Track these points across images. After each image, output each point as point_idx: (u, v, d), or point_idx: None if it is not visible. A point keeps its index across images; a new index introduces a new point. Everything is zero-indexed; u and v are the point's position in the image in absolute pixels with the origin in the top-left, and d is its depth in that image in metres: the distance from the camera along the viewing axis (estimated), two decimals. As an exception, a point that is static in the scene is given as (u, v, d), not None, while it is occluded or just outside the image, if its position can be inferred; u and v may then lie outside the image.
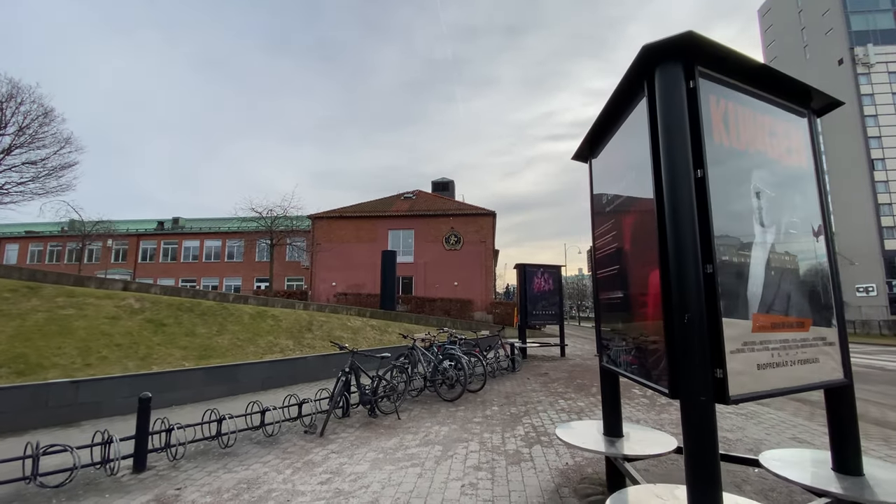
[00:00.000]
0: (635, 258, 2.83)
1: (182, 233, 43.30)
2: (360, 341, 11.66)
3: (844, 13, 51.79)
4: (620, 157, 3.09)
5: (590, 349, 16.65)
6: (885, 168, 49.21)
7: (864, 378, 10.29)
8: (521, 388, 8.15)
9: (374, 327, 13.13)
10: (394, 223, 31.91)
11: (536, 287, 12.84)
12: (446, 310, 27.82)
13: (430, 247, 31.15)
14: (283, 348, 10.00)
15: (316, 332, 11.32)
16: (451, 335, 9.19)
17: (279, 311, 12.29)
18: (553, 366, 11.30)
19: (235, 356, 8.98)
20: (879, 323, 39.01)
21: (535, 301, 12.76)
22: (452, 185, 39.94)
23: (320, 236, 32.15)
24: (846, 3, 51.93)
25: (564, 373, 10.12)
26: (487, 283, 30.86)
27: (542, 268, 13.12)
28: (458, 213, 31.50)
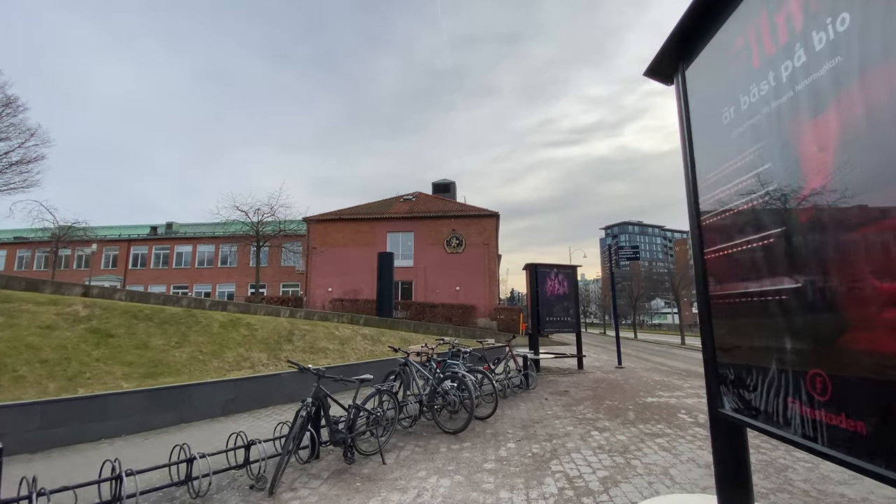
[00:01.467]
0: (841, 211, 1.33)
1: (175, 238, 42.02)
2: (348, 353, 10.12)
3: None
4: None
5: (608, 360, 15.07)
6: None
7: None
8: (540, 414, 6.59)
9: (367, 336, 11.60)
10: (393, 225, 30.47)
11: (549, 290, 11.31)
12: (448, 316, 26.27)
13: (431, 250, 29.67)
14: (255, 363, 8.47)
15: (297, 343, 9.79)
16: (452, 346, 7.67)
17: (257, 318, 10.77)
18: (573, 381, 9.73)
19: (193, 374, 7.45)
20: None
21: (548, 306, 11.23)
22: (453, 186, 38.54)
23: (315, 240, 30.74)
24: None
25: (588, 391, 8.56)
26: (491, 288, 29.33)
27: (556, 268, 11.60)
28: (460, 215, 30.05)
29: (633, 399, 7.64)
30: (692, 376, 10.93)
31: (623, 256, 12.45)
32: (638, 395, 8.10)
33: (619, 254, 12.37)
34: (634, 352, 20.21)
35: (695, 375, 11.10)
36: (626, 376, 10.63)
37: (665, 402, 7.29)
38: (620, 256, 12.40)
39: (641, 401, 7.49)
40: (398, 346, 11.70)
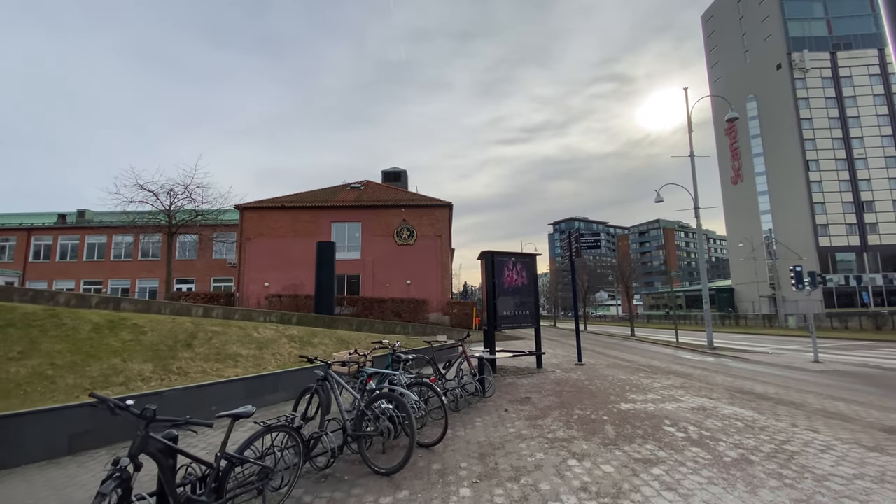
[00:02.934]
0: None
1: (87, 227, 37.01)
2: (266, 360, 8.28)
3: (783, 20, 54.01)
4: None
5: (565, 355, 14.18)
6: (818, 169, 51.63)
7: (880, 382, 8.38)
8: (500, 433, 5.24)
9: (295, 338, 9.77)
10: (338, 215, 28.24)
11: (507, 281, 10.06)
12: (398, 312, 24.63)
13: (380, 241, 27.80)
14: (132, 377, 6.49)
15: (199, 350, 7.83)
16: (393, 350, 6.16)
17: (149, 319, 8.64)
18: (534, 384, 8.53)
19: (31, 396, 5.41)
20: (805, 316, 40.10)
21: (505, 298, 9.98)
22: (405, 175, 36.74)
23: (250, 229, 27.88)
24: (784, 10, 54.19)
25: (552, 396, 7.36)
26: (444, 282, 28.01)
27: (514, 257, 10.38)
28: (412, 205, 28.39)
29: (605, 406, 6.52)
30: (657, 373, 10.13)
31: (584, 245, 11.50)
32: (609, 399, 7.00)
33: (580, 241, 11.40)
34: (589, 345, 19.66)
35: (660, 372, 10.31)
36: (590, 375, 9.63)
37: (643, 410, 6.20)
38: (581, 245, 11.44)
39: (615, 408, 6.38)
40: (334, 348, 10.00)
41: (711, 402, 6.75)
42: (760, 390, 7.82)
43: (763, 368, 11.38)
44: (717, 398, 7.04)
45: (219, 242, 35.21)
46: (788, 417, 5.73)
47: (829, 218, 50.65)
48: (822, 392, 7.66)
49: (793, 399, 7.01)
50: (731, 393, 7.52)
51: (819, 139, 51.95)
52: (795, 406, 6.47)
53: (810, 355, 14.48)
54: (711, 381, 8.99)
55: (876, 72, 52.11)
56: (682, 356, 14.86)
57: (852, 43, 52.99)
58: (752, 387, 8.21)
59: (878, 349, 16.54)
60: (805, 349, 17.25)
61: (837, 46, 53.03)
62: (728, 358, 14.17)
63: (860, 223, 50.11)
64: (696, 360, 13.69)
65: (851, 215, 50.43)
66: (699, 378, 9.37)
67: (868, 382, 8.90)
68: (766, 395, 7.31)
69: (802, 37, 53.47)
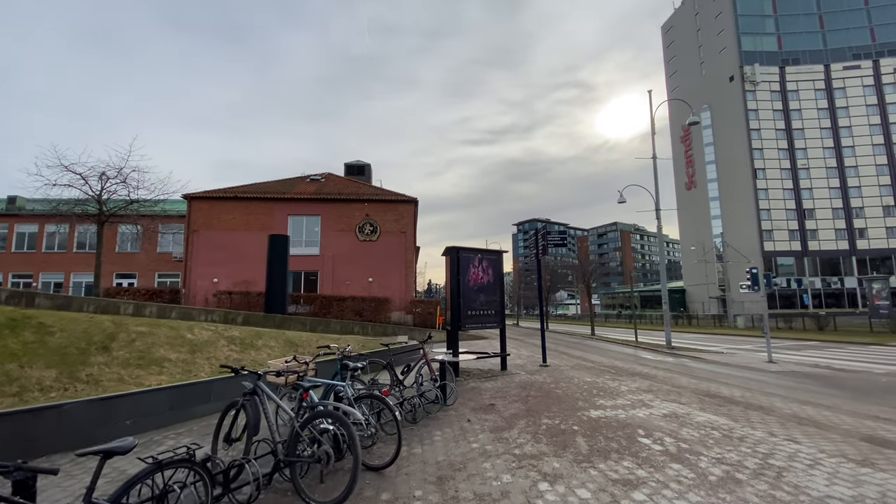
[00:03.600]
0: None
1: (16, 215, 33.54)
2: (199, 365, 7.29)
3: (736, 34, 56.75)
4: None
5: (529, 356, 13.82)
6: (765, 177, 54.66)
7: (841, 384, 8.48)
8: (462, 450, 4.63)
9: (236, 340, 8.78)
10: (295, 207, 26.85)
11: (473, 278, 9.50)
12: (358, 310, 23.65)
13: (341, 237, 26.67)
14: (30, 386, 5.42)
15: (118, 353, 6.77)
16: (341, 355, 5.43)
17: (60, 316, 7.44)
18: (498, 389, 8.01)
19: None
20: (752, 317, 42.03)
21: (470, 297, 9.42)
22: (369, 169, 35.61)
23: (198, 221, 26.04)
24: (738, 25, 56.94)
25: (518, 402, 6.85)
26: (408, 279, 27.24)
27: (480, 253, 9.83)
28: (375, 199, 27.41)
29: (574, 414, 6.06)
30: (623, 375, 9.89)
31: (551, 242, 11.14)
32: (577, 405, 6.57)
33: (546, 239, 11.03)
34: (552, 345, 19.51)
35: (625, 374, 10.08)
36: (556, 378, 9.24)
37: (614, 418, 5.79)
38: (549, 242, 11.07)
39: (585, 416, 5.93)
40: (280, 351, 9.09)
41: (682, 407, 6.45)
42: (727, 393, 7.65)
43: (722, 369, 11.43)
44: (687, 403, 6.76)
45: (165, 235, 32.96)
46: (763, 425, 5.46)
47: (774, 224, 53.75)
48: (787, 395, 7.57)
49: (761, 403, 6.83)
50: (700, 397, 7.28)
51: (766, 149, 54.99)
52: (766, 411, 6.26)
53: (763, 355, 14.86)
54: (677, 383, 8.80)
55: (821, 87, 55.70)
56: (642, 356, 14.88)
57: (800, 58, 56.40)
58: (717, 389, 8.05)
59: (824, 349, 17.27)
60: (756, 349, 17.80)
61: (786, 61, 56.30)
62: (687, 358, 14.29)
63: (801, 229, 53.46)
64: (657, 360, 13.69)
65: (794, 222, 53.71)
66: (664, 380, 9.18)
67: (826, 384, 8.99)
68: (733, 399, 7.11)
69: (754, 51, 56.39)
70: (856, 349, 17.18)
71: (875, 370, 11.40)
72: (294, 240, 27.02)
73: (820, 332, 26.74)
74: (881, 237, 52.55)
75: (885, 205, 53.02)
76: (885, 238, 52.49)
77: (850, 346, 18.64)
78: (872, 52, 55.68)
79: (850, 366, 12.20)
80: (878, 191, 53.44)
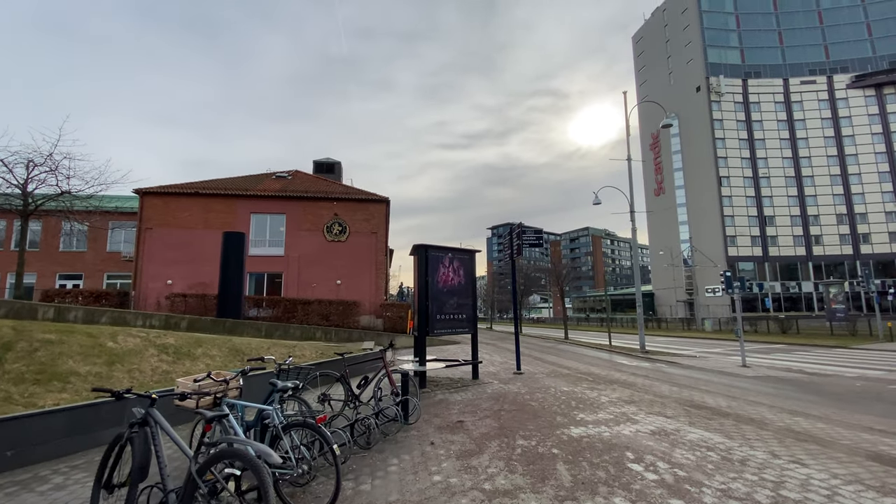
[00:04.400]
0: None
1: (-57, 210, 30.44)
2: (116, 380, 6.16)
3: (703, 46, 58.56)
4: None
5: (502, 362, 13.13)
6: (729, 185, 56.44)
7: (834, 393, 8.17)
8: (422, 484, 3.81)
9: (169, 349, 7.65)
10: (259, 205, 25.40)
11: (442, 280, 8.72)
12: (325, 314, 22.45)
13: (307, 237, 25.38)
14: None
15: (11, 367, 5.59)
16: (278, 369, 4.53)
17: (-58, 322, 6.17)
18: (468, 402, 7.22)
19: None
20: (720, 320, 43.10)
21: (439, 300, 8.62)
22: (339, 167, 34.38)
23: (152, 218, 24.24)
24: (704, 37, 58.78)
25: (490, 419, 6.09)
26: (378, 282, 26.17)
27: (451, 252, 9.06)
28: (344, 198, 26.26)
29: (553, 432, 5.34)
30: (601, 383, 9.30)
31: (526, 242, 10.50)
32: (556, 421, 5.87)
33: (522, 238, 10.38)
34: (526, 349, 18.94)
35: (603, 382, 9.50)
36: (531, 387, 8.55)
37: (598, 437, 5.10)
38: (524, 241, 10.42)
39: (565, 434, 5.22)
40: (223, 361, 8.03)
41: (670, 422, 5.85)
42: (712, 403, 7.14)
43: (700, 374, 11.05)
44: (674, 416, 6.17)
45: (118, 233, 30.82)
46: (761, 443, 4.89)
47: (737, 230, 55.52)
48: (772, 404, 7.13)
49: (750, 414, 6.32)
50: (686, 408, 6.73)
51: (730, 157, 56.84)
52: (758, 425, 5.73)
53: (735, 359, 14.72)
54: (658, 391, 8.26)
55: (780, 99, 58.08)
56: (618, 361, 14.46)
57: (761, 72, 58.67)
58: (701, 398, 7.54)
59: (791, 352, 17.38)
60: (727, 352, 17.76)
61: (749, 74, 58.46)
62: (663, 363, 13.95)
63: (763, 236, 55.42)
64: (634, 365, 13.27)
65: (756, 228, 55.62)
66: (645, 388, 8.63)
67: (805, 390, 8.67)
68: (721, 410, 6.59)
69: (720, 63, 58.33)
70: (822, 352, 17.37)
71: (846, 374, 11.30)
72: (257, 239, 25.62)
73: (783, 334, 27.38)
74: (835, 244, 55.09)
75: (838, 213, 55.66)
76: (839, 245, 55.05)
77: (815, 348, 18.90)
78: (827, 68, 58.55)
79: (821, 369, 12.09)
80: (832, 199, 56.06)
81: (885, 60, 56.35)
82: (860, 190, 55.64)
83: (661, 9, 67.30)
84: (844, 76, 57.67)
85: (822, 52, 59.21)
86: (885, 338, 21.15)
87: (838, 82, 57.72)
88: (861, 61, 57.79)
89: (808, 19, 59.81)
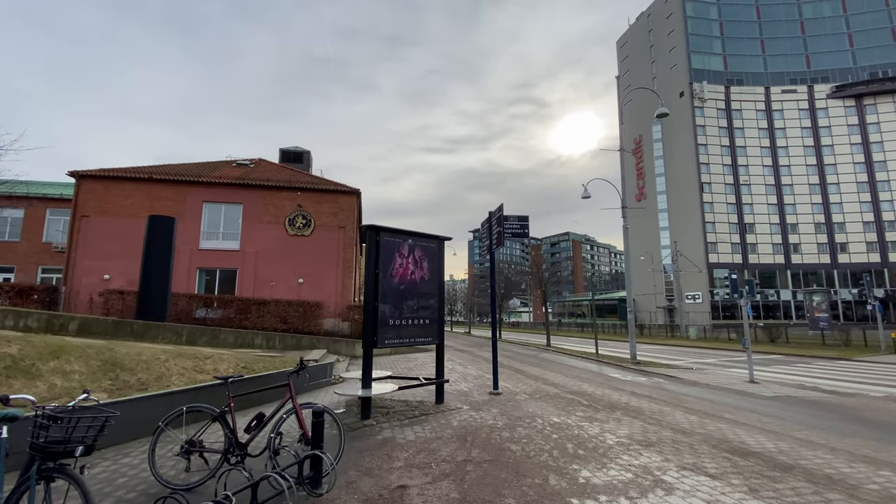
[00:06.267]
0: None
1: None
2: None
3: (687, 51, 58.28)
4: None
5: (477, 377, 11.11)
6: (710, 191, 56.11)
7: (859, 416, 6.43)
8: None
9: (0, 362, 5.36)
10: (213, 193, 22.79)
11: (399, 273, 6.64)
12: (282, 316, 20.02)
13: (267, 230, 22.91)
14: None
15: None
16: (35, 413, 2.39)
17: None
18: (422, 444, 5.14)
19: None
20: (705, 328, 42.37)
21: (394, 300, 6.54)
22: (308, 156, 31.91)
23: (89, 205, 21.44)
24: (688, 43, 58.52)
25: (449, 479, 4.03)
26: (345, 281, 23.86)
27: (413, 239, 6.98)
28: (310, 188, 23.88)
29: (546, 510, 3.33)
30: (599, 408, 7.36)
31: (508, 230, 8.54)
32: (549, 488, 3.87)
33: (503, 225, 8.42)
34: (505, 358, 17.00)
35: (602, 406, 7.56)
36: (511, 417, 6.54)
37: None
38: (506, 229, 8.47)
39: (566, 517, 3.21)
40: (80, 382, 5.74)
41: (718, 486, 3.92)
42: (754, 445, 5.27)
43: (711, 394, 9.28)
44: (720, 474, 4.24)
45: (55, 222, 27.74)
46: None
47: (718, 237, 55.15)
48: (826, 442, 5.32)
49: (818, 466, 4.46)
50: (727, 456, 4.82)
51: (712, 164, 56.55)
52: (844, 489, 3.86)
53: (738, 372, 13.14)
54: (676, 424, 6.37)
55: (762, 107, 58.20)
56: (611, 374, 12.62)
57: (743, 80, 58.72)
58: (736, 436, 5.68)
59: (793, 364, 15.93)
60: (723, 363, 16.24)
61: (731, 81, 58.42)
62: (661, 377, 12.19)
63: (742, 243, 55.18)
64: (629, 380, 11.44)
65: (736, 235, 55.35)
66: (657, 418, 6.74)
67: (845, 416, 6.99)
68: (776, 460, 4.70)
69: (703, 69, 58.11)
70: (825, 365, 15.98)
71: (869, 392, 9.75)
72: (210, 232, 22.99)
73: (772, 343, 26.26)
74: (813, 252, 55.25)
75: (816, 222, 55.91)
76: (816, 254, 55.24)
77: (814, 360, 17.55)
78: (808, 77, 59.01)
79: (838, 387, 10.52)
80: (810, 208, 56.31)
81: (866, 71, 57.08)
82: (838, 199, 56.04)
83: (647, 13, 67.04)
84: (825, 86, 58.18)
85: (804, 61, 59.68)
86: (889, 349, 20.00)
87: (819, 92, 58.20)
88: (842, 71, 58.43)
89: (791, 29, 60.27)
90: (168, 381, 6.25)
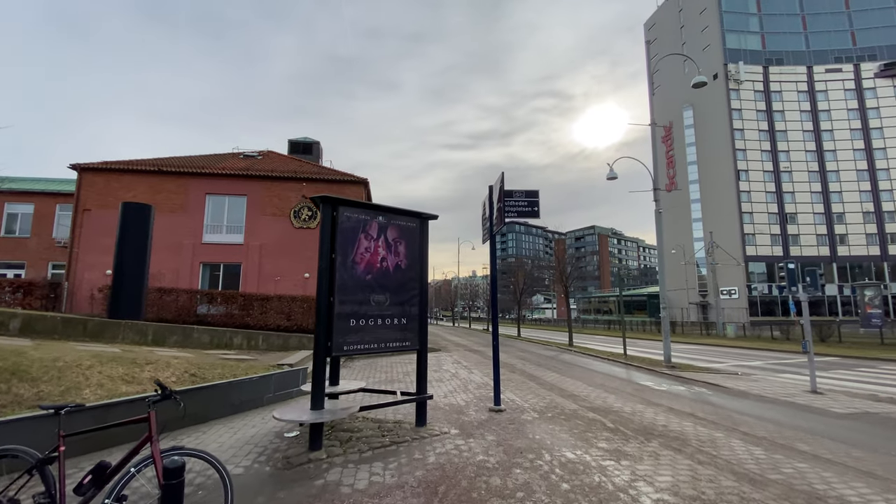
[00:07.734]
0: None
1: None
2: None
3: (721, 31, 54.54)
4: None
5: (479, 386, 9.55)
6: (748, 179, 52.44)
7: None
8: None
9: None
10: (217, 185, 21.94)
11: (365, 260, 5.18)
12: (286, 312, 18.94)
13: (272, 223, 21.92)
14: None
15: None
16: None
17: None
18: (372, 496, 3.66)
19: None
20: (744, 325, 39.46)
21: (360, 294, 5.09)
22: (318, 147, 30.88)
23: (91, 199, 20.92)
24: (723, 22, 54.75)
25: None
26: (352, 277, 22.68)
27: (384, 214, 5.49)
28: (317, 178, 22.73)
29: None
30: (630, 437, 5.70)
31: (512, 208, 6.92)
32: None
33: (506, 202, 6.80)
34: (519, 361, 15.36)
35: (632, 433, 5.90)
36: (509, 451, 4.99)
37: None
38: (509, 207, 6.86)
39: None
40: None
41: None
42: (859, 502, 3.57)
43: (769, 411, 7.46)
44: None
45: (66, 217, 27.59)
46: None
47: (756, 227, 51.51)
48: None
49: None
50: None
51: (749, 150, 52.83)
52: None
53: (794, 379, 11.14)
54: (738, 464, 4.67)
55: (804, 88, 53.98)
56: (641, 383, 10.84)
57: (783, 59, 54.56)
58: (830, 486, 3.97)
59: (853, 369, 13.71)
60: (772, 367, 14.16)
61: (770, 61, 54.37)
62: (701, 385, 10.34)
63: (783, 234, 51.37)
64: (664, 390, 9.65)
65: (776, 226, 51.58)
66: (708, 452, 5.05)
67: None
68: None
69: (739, 49, 54.29)
70: (891, 368, 13.71)
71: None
72: (213, 225, 22.16)
73: (823, 343, 23.57)
74: (861, 244, 50.98)
75: (864, 211, 51.54)
76: (865, 245, 50.95)
77: (879, 364, 15.21)
78: (854, 55, 54.39)
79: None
80: (858, 196, 51.95)
81: (921, 45, 52.11)
82: (889, 186, 51.47)
83: (676, -8, 63.28)
84: (872, 64, 53.44)
85: (849, 38, 54.98)
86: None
87: (866, 70, 53.51)
88: (890, 48, 53.54)
89: (834, 3, 55.62)
90: (78, 394, 4.99)
